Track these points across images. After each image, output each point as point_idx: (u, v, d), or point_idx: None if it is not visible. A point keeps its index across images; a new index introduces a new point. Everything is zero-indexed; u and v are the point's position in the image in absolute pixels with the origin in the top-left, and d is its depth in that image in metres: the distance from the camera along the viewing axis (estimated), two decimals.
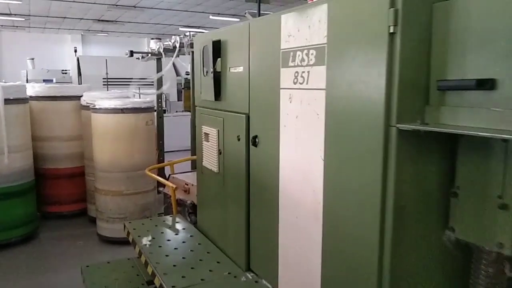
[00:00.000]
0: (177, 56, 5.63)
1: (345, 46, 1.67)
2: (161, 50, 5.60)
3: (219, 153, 2.78)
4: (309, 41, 1.87)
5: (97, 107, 4.82)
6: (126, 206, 4.80)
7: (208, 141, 2.95)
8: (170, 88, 10.14)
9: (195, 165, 5.77)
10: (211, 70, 2.73)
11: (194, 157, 5.02)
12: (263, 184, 2.31)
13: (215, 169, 2.85)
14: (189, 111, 12.82)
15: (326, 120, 1.80)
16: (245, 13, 3.52)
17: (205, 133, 3.00)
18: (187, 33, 4.65)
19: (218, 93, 2.75)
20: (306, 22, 1.89)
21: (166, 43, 5.42)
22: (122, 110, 4.66)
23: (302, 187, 1.98)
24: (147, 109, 4.85)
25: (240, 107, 2.49)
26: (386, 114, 1.51)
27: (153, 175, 4.09)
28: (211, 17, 18.16)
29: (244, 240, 2.53)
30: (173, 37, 4.92)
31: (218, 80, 2.73)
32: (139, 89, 8.07)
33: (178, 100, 12.44)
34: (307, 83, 1.90)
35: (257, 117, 2.33)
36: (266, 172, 2.28)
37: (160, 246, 2.89)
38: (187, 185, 3.90)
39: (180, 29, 20.94)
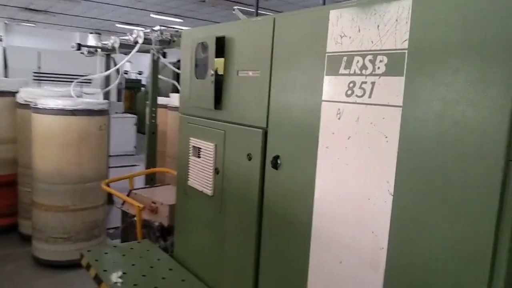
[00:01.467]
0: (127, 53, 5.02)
1: (441, 54, 1.30)
2: (116, 45, 4.94)
3: (216, 172, 2.30)
4: (376, 44, 1.49)
5: (39, 106, 4.07)
6: (71, 224, 4.08)
7: (198, 157, 2.46)
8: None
9: (151, 178, 5.17)
10: (212, 72, 2.25)
11: (162, 169, 4.43)
12: (286, 216, 1.88)
13: (208, 192, 2.36)
14: (131, 112, 11.98)
15: (400, 146, 1.41)
16: (234, 10, 3.07)
17: (194, 146, 2.50)
18: (156, 28, 4.08)
19: (218, 101, 2.27)
20: (373, 20, 1.50)
21: (126, 37, 4.78)
22: (73, 112, 3.97)
23: (353, 226, 1.58)
24: (101, 112, 4.19)
25: (254, 120, 2.04)
26: (508, 144, 1.16)
27: (113, 190, 3.47)
28: (152, 15, 17.32)
29: (251, 283, 2.07)
30: (135, 31, 4.32)
31: (219, 85, 2.26)
32: (81, 87, 7.22)
33: (118, 101, 11.52)
34: (369, 97, 1.51)
35: (281, 134, 1.89)
36: (292, 203, 1.85)
37: (135, 285, 2.33)
38: (155, 203, 3.34)
39: (117, 25, 19.78)
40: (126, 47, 5.04)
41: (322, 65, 1.68)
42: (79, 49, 5.51)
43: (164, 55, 5.10)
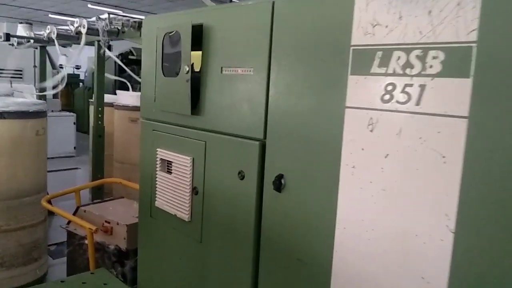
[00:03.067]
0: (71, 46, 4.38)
1: None
2: (53, 36, 4.28)
3: (194, 192, 1.87)
4: (428, 36, 1.14)
5: None
6: (5, 247, 3.44)
7: (169, 172, 2.01)
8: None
9: (99, 188, 4.57)
10: (186, 69, 1.81)
11: (113, 180, 3.85)
12: (293, 252, 1.49)
13: (183, 216, 1.92)
14: (68, 110, 11.01)
15: (466, 168, 1.08)
16: None
17: (163, 159, 2.05)
18: (103, 16, 3.51)
19: (195, 104, 1.84)
20: (422, 3, 1.15)
21: (65, 27, 4.14)
22: (2, 115, 3.32)
23: (394, 269, 1.23)
24: (37, 114, 3.57)
25: (246, 129, 1.63)
26: None
27: (56, 209, 2.91)
28: (89, 5, 16.19)
29: None
30: (77, 19, 3.71)
31: (197, 84, 1.83)
32: (10, 83, 6.39)
33: (53, 98, 10.53)
34: (417, 104, 1.16)
35: (285, 147, 1.50)
36: (303, 235, 1.47)
37: None
38: (109, 223, 2.83)
39: (51, 16, 18.35)
40: (65, 38, 4.40)
41: (345, 61, 1.31)
42: (7, 39, 4.76)
43: (110, 48, 4.52)
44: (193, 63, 1.83)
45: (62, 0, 15.63)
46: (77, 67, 14.81)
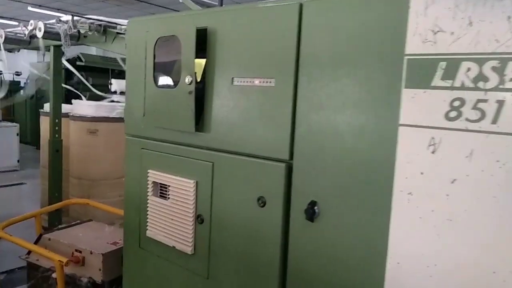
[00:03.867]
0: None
1: None
2: (0, 40, 3.82)
3: (199, 221, 1.63)
4: (507, 45, 0.99)
5: None
6: None
7: (164, 197, 1.75)
8: None
9: (59, 212, 4.12)
10: (189, 79, 1.57)
11: (80, 201, 3.44)
12: None
13: (185, 248, 1.66)
14: (9, 120, 10.15)
15: None
16: None
17: (156, 183, 1.78)
18: (66, 17, 3.12)
19: (199, 120, 1.60)
20: (499, 8, 1.00)
21: (16, 29, 3.70)
22: None
23: None
24: None
25: (267, 148, 1.42)
26: None
27: (14, 238, 2.52)
28: (30, 8, 15.18)
29: None
30: (31, 21, 3.30)
31: (199, 97, 1.59)
32: None
33: None
34: (494, 122, 1.01)
35: (319, 170, 1.31)
36: (343, 272, 1.28)
37: None
38: (80, 252, 2.49)
39: None
40: (14, 42, 3.95)
41: (397, 73, 1.14)
42: None
43: (62, 54, 4.12)
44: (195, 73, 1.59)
45: (0, 1, 14.54)
46: (17, 74, 13.82)
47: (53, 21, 3.28)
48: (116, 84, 11.13)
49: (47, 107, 5.77)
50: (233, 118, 1.51)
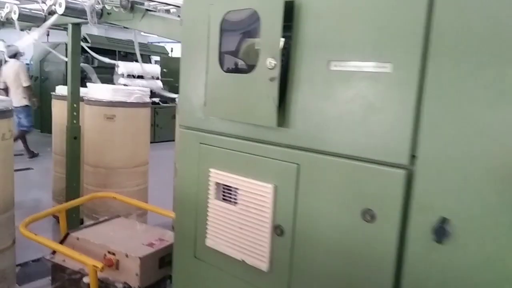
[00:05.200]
0: None
1: None
2: (14, 16, 3.50)
3: (277, 232, 1.36)
4: None
5: None
6: None
7: (232, 203, 1.48)
8: None
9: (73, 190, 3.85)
10: (272, 63, 1.29)
11: (106, 194, 3.14)
12: None
13: (258, 263, 1.40)
14: None
15: None
16: None
17: (219, 184, 1.51)
18: None
19: (284, 112, 1.32)
20: None
21: (30, 6, 3.39)
22: None
23: None
24: (3, 113, 2.85)
25: (378, 150, 1.15)
26: None
27: (40, 238, 2.26)
28: None
29: None
30: (7, 5, 2.96)
31: (281, 84, 1.31)
32: None
33: None
34: None
35: (454, 180, 1.04)
36: None
37: None
38: (113, 254, 2.23)
39: None
40: (28, 20, 3.64)
41: None
42: None
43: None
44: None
45: None
46: (20, 55, 13.43)
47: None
48: (123, 67, 10.81)
49: (59, 90, 5.48)
50: (329, 110, 1.23)
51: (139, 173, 4.68)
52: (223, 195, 1.51)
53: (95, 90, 4.60)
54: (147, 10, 2.86)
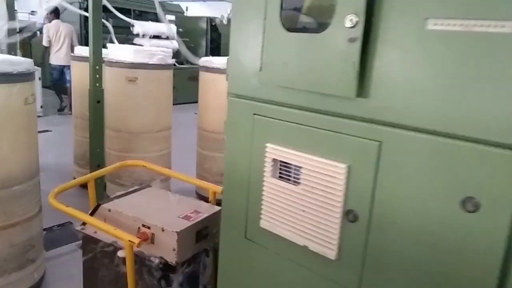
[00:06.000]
0: None
1: None
2: None
3: (349, 218, 1.19)
4: None
5: None
6: None
7: (292, 182, 1.31)
8: None
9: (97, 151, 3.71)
10: (353, 20, 1.08)
11: (136, 162, 2.97)
12: None
13: (324, 250, 1.25)
14: None
15: None
16: None
17: (276, 160, 1.34)
18: None
19: (363, 80, 1.12)
20: None
21: None
22: None
23: None
24: (25, 76, 2.68)
25: (488, 128, 0.95)
26: None
27: (71, 209, 2.14)
28: None
29: None
30: None
31: (363, 46, 1.10)
32: None
33: (9, 52, 9.18)
34: None
35: None
36: None
37: None
38: (148, 228, 2.11)
39: None
40: None
41: None
42: None
43: None
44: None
45: None
46: (32, 13, 13.15)
47: None
48: (139, 26, 10.50)
49: (78, 50, 5.28)
50: (423, 79, 1.03)
51: (163, 138, 4.54)
52: (281, 173, 1.34)
53: (116, 51, 4.40)
54: None
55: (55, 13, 8.81)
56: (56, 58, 8.81)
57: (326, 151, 1.21)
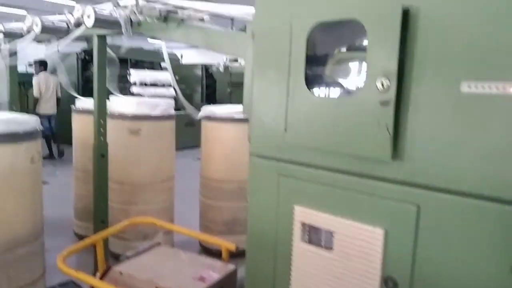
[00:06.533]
0: None
1: None
2: (37, 29, 3.31)
3: (389, 285, 1.13)
4: None
5: None
6: None
7: (327, 248, 1.25)
8: None
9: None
10: (384, 84, 1.07)
11: (145, 219, 2.89)
12: None
13: None
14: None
15: None
16: None
17: (304, 224, 1.29)
18: (129, 1, 2.56)
19: (397, 142, 1.10)
20: None
21: (55, 17, 3.19)
22: None
23: None
24: (31, 134, 2.65)
25: None
26: None
27: (81, 273, 2.05)
28: None
29: None
30: (78, 7, 2.78)
31: (397, 107, 1.09)
32: None
33: None
34: None
35: None
36: None
37: None
38: None
39: None
40: (51, 32, 3.44)
41: None
42: None
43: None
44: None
45: None
46: (30, 65, 13.31)
47: (104, 6, 2.76)
48: (135, 75, 10.63)
49: (80, 103, 5.29)
50: (462, 141, 1.01)
51: (165, 188, 4.47)
52: (311, 238, 1.29)
53: (118, 103, 4.41)
54: (183, 19, 2.65)
55: (43, 65, 9.14)
56: (45, 108, 9.09)
57: (361, 215, 1.17)
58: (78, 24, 2.90)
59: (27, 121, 2.68)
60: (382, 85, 1.06)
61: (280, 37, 1.29)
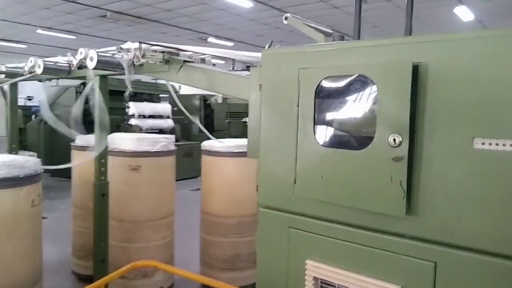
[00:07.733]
0: None
1: None
2: (39, 70, 3.33)
3: None
4: None
5: None
6: None
7: None
8: None
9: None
10: (396, 140, 1.06)
11: (146, 263, 2.86)
12: None
13: None
14: (22, 148, 9.66)
15: None
16: (286, 19, 1.85)
17: (317, 279, 1.26)
18: (132, 45, 2.58)
19: (410, 197, 1.09)
20: None
21: (58, 59, 3.22)
22: None
23: None
24: (32, 177, 2.62)
25: None
26: None
27: None
28: (39, 31, 14.82)
29: None
30: (81, 50, 2.80)
31: (410, 162, 1.08)
32: None
33: None
34: None
35: None
36: None
37: None
38: None
39: None
40: (52, 72, 3.47)
41: None
42: None
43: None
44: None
45: (6, 25, 14.13)
46: (29, 98, 13.40)
47: (104, 49, 2.79)
48: (134, 107, 10.68)
49: (79, 140, 5.28)
50: (476, 199, 1.00)
51: (166, 224, 4.41)
52: None
53: (118, 140, 4.40)
54: (185, 61, 2.67)
55: None
56: None
57: (376, 271, 1.14)
58: (80, 66, 2.92)
59: (28, 164, 2.65)
60: (394, 140, 1.06)
61: (287, 88, 1.29)
